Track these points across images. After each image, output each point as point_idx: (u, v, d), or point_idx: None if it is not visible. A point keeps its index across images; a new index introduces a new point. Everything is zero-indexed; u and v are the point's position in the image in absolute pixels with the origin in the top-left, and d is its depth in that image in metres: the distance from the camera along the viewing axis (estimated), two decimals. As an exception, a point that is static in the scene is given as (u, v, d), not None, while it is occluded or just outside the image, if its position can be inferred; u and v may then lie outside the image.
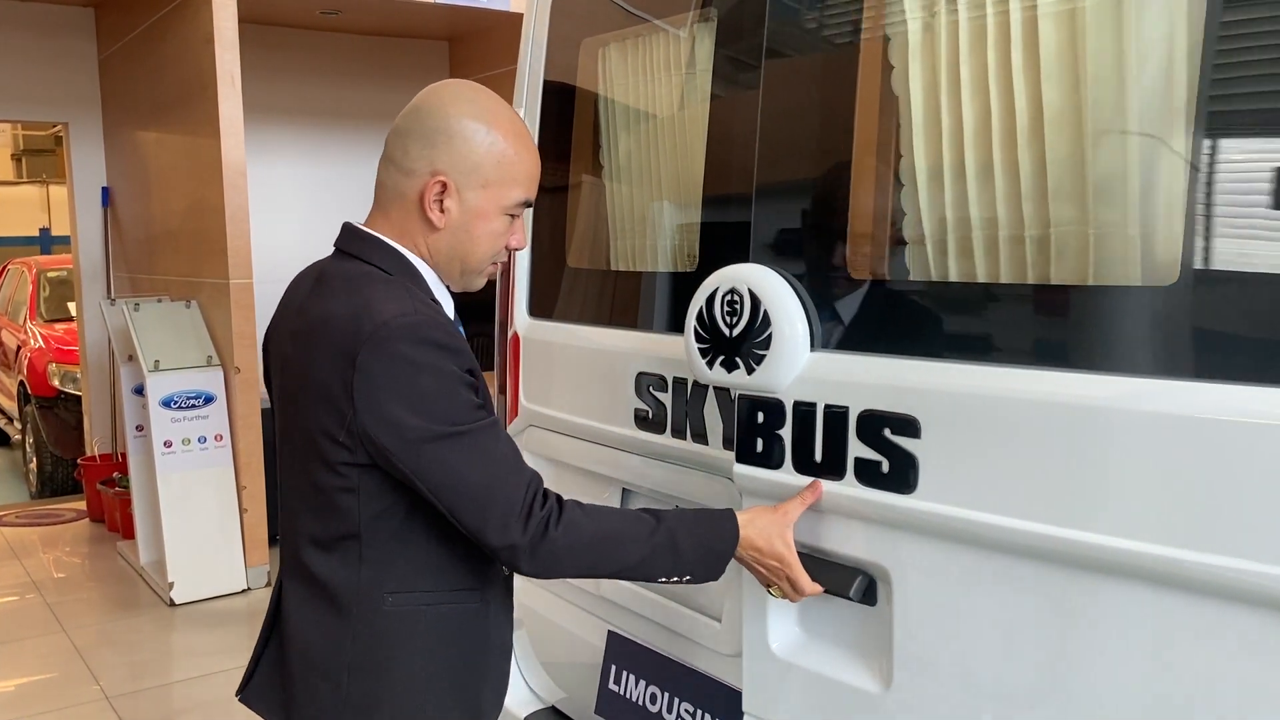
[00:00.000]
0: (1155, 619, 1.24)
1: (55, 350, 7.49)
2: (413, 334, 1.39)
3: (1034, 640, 1.36)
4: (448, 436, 1.39)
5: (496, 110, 1.50)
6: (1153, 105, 1.31)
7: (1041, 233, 1.41)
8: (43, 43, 6.25)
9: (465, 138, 1.46)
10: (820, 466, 1.56)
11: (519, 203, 1.51)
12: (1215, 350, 1.22)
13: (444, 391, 1.40)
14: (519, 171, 1.49)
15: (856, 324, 1.57)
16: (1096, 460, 1.27)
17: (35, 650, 4.44)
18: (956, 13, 1.48)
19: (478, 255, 1.52)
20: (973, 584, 1.42)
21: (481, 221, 1.49)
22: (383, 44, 7.11)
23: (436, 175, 1.45)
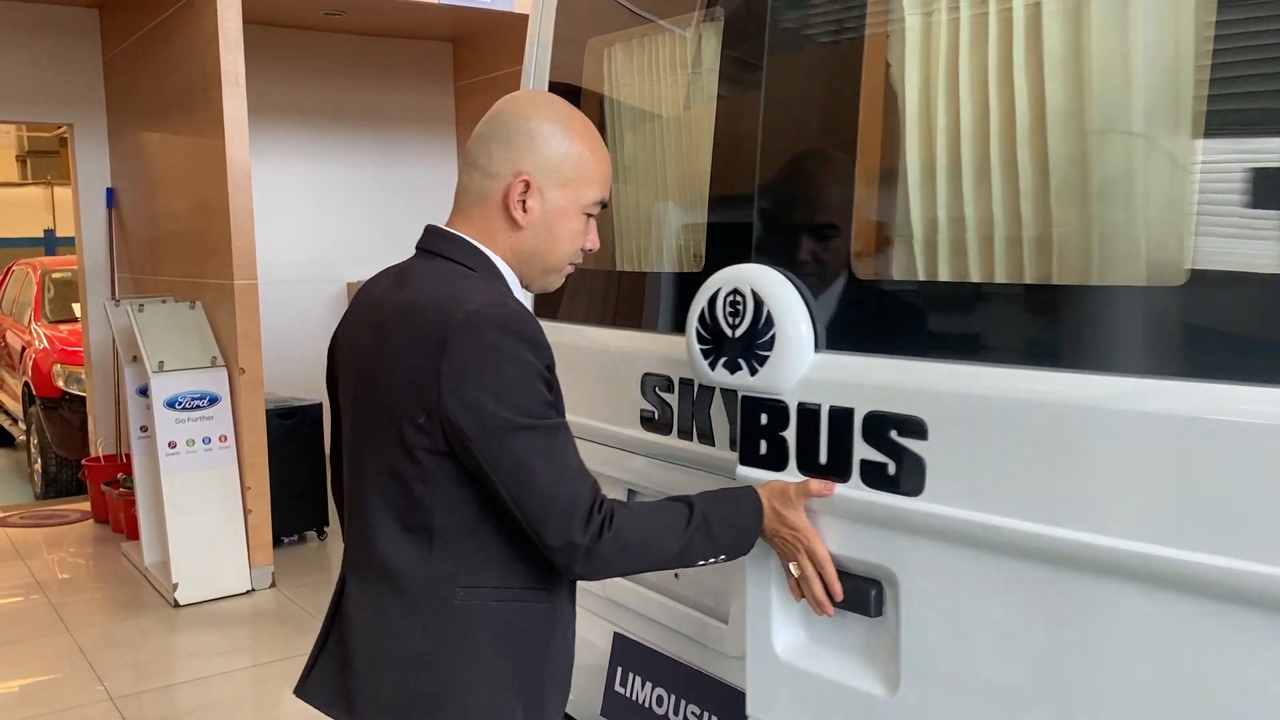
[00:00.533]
0: (1163, 622, 1.23)
1: (60, 351, 7.49)
2: (502, 324, 1.43)
3: (1042, 645, 1.35)
4: (524, 429, 1.42)
5: (571, 115, 1.57)
6: (1158, 103, 1.30)
7: (1045, 232, 1.40)
8: (47, 44, 6.26)
9: (545, 139, 1.52)
10: (825, 469, 1.55)
11: (595, 201, 1.56)
12: (1222, 351, 1.21)
13: (525, 384, 1.43)
14: (595, 171, 1.55)
15: (861, 324, 1.56)
16: (1103, 461, 1.27)
17: (40, 651, 4.44)
18: (957, 10, 1.48)
19: (559, 253, 1.56)
20: (980, 588, 1.41)
21: (562, 219, 1.54)
22: (386, 45, 7.11)
23: (520, 175, 1.51)
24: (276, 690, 4.11)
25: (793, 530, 1.57)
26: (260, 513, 5.06)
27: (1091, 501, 1.27)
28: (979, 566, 1.40)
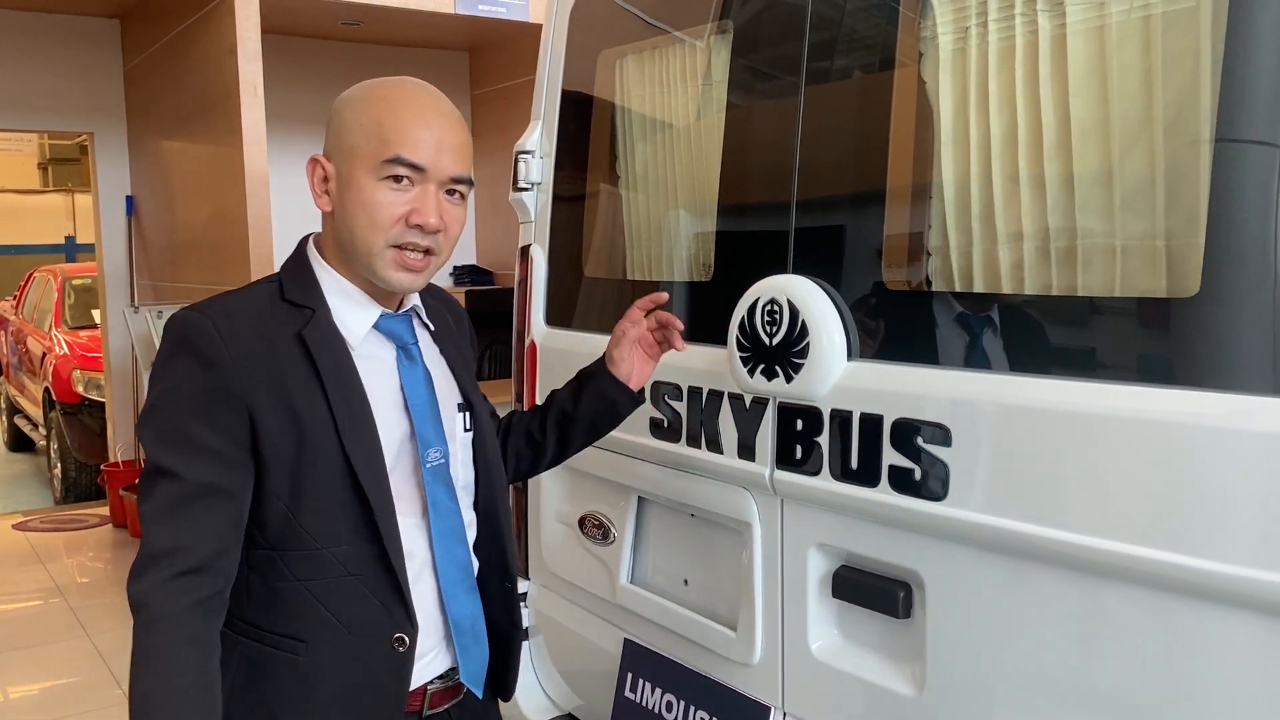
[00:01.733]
0: (1177, 625, 1.24)
1: (80, 357, 7.55)
2: (173, 329, 1.32)
3: (1061, 647, 1.36)
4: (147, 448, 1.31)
5: (381, 84, 1.39)
6: (1177, 119, 1.31)
7: (1070, 244, 1.41)
8: (69, 54, 6.32)
9: (338, 113, 1.39)
10: (856, 473, 1.57)
11: (387, 159, 1.32)
12: (1237, 361, 1.22)
13: (162, 402, 1.31)
14: (387, 129, 1.33)
15: (892, 334, 1.59)
16: (1119, 469, 1.28)
17: (59, 655, 4.48)
18: (987, 26, 1.49)
19: (359, 231, 1.35)
20: (1001, 590, 1.43)
21: (350, 191, 1.35)
22: (403, 54, 7.15)
23: (313, 157, 1.39)
24: (293, 695, 4.13)
25: None
26: (277, 518, 5.08)
27: (1105, 507, 1.29)
28: (1000, 570, 1.43)
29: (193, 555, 1.26)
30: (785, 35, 1.78)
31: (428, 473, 1.41)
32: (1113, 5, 1.37)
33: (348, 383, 1.35)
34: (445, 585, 1.43)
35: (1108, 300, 1.38)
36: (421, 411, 1.42)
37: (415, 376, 1.43)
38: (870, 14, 1.67)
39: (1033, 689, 1.40)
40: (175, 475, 1.27)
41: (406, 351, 1.44)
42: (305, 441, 1.31)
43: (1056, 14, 1.44)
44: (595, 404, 1.69)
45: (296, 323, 1.35)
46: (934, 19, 1.57)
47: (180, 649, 1.24)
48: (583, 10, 2.32)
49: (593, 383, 1.71)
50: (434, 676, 1.45)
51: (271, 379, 1.31)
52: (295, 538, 1.33)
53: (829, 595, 1.70)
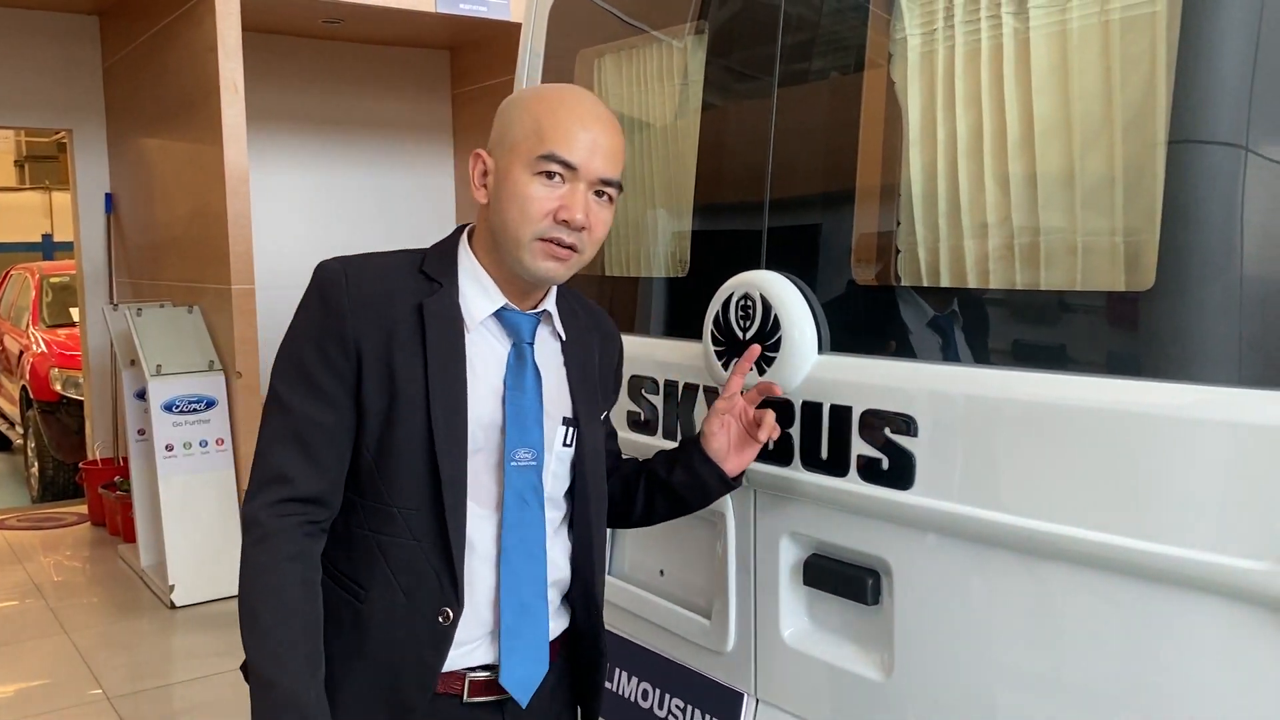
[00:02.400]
0: (1138, 608, 1.29)
1: (58, 355, 7.53)
2: (315, 271, 1.42)
3: (1025, 630, 1.41)
4: (272, 382, 1.43)
5: (549, 87, 1.51)
6: (1135, 120, 1.36)
7: (1033, 241, 1.46)
8: (47, 50, 6.31)
9: (503, 111, 1.46)
10: (826, 463, 1.61)
11: (541, 155, 1.38)
12: (1190, 352, 1.27)
13: (289, 338, 1.42)
14: (544, 126, 1.39)
15: (861, 328, 1.63)
16: (1079, 458, 1.32)
17: (37, 652, 4.47)
18: (953, 28, 1.54)
19: (511, 224, 1.39)
20: (967, 576, 1.47)
21: (505, 184, 1.40)
22: (384, 53, 7.17)
23: (476, 151, 1.46)
24: (273, 692, 4.14)
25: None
26: (257, 516, 5.10)
27: (1067, 495, 1.33)
28: (965, 556, 1.47)
29: (299, 485, 1.38)
30: (759, 36, 1.82)
31: (511, 470, 1.44)
32: (1074, 10, 1.42)
33: (450, 357, 1.41)
34: (505, 585, 1.45)
35: (1069, 295, 1.42)
36: (517, 410, 1.45)
37: (521, 374, 1.46)
38: (842, 16, 1.71)
39: (997, 673, 1.45)
40: (288, 407, 1.39)
41: (519, 349, 1.47)
42: (397, 402, 1.39)
43: (1021, 18, 1.48)
44: (683, 476, 1.64)
45: (422, 292, 1.43)
46: (903, 21, 1.62)
47: (284, 564, 1.36)
48: (561, 10, 2.36)
49: (685, 455, 1.65)
50: (472, 667, 1.46)
51: (380, 333, 1.39)
52: (374, 490, 1.42)
53: (800, 583, 1.73)
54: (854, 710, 1.65)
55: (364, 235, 7.25)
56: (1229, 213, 1.24)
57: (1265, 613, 1.18)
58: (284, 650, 1.35)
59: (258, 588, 1.37)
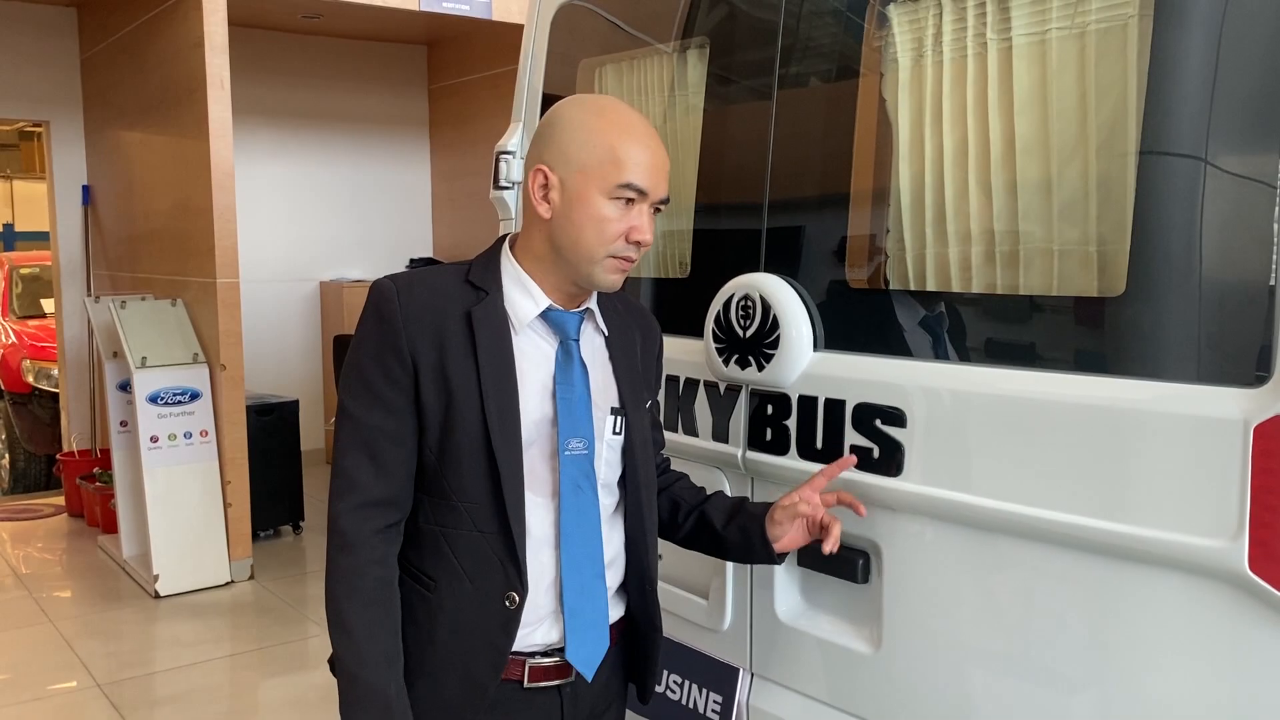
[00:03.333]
0: (1110, 585, 1.43)
1: (29, 347, 7.50)
2: (370, 291, 1.53)
3: (1004, 606, 1.55)
4: (341, 402, 1.54)
5: (605, 104, 1.54)
6: (1109, 136, 1.50)
7: (1013, 248, 1.60)
8: (24, 41, 6.30)
9: (566, 127, 1.51)
10: (821, 453, 1.74)
11: (621, 185, 1.47)
12: (1158, 352, 1.41)
13: (352, 355, 1.53)
14: (621, 155, 1.47)
15: (853, 327, 1.76)
16: (1056, 448, 1.46)
17: (23, 640, 4.52)
18: (942, 52, 1.67)
19: (586, 243, 1.49)
20: (951, 556, 1.61)
21: (581, 206, 1.48)
22: (363, 48, 7.22)
23: (538, 166, 1.51)
24: (256, 678, 4.23)
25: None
26: (240, 506, 5.16)
27: (1043, 481, 1.47)
28: (950, 538, 1.60)
29: (371, 490, 1.50)
30: (759, 51, 1.94)
31: (565, 459, 1.54)
32: (1054, 35, 1.55)
33: (500, 359, 1.51)
34: (566, 567, 1.55)
35: (1046, 298, 1.56)
36: (568, 401, 1.55)
37: (569, 369, 1.56)
38: (836, 34, 1.84)
39: (979, 643, 1.59)
40: (356, 419, 1.51)
41: (565, 346, 1.56)
42: (453, 405, 1.49)
43: (1003, 41, 1.61)
44: (736, 537, 1.71)
45: (470, 301, 1.52)
46: (894, 42, 1.75)
47: (365, 568, 1.49)
48: (564, 18, 2.46)
49: (746, 522, 1.71)
50: (536, 648, 1.56)
51: (434, 342, 1.49)
52: (439, 488, 1.52)
53: (794, 564, 1.86)
54: (845, 681, 1.78)
55: (341, 228, 7.31)
56: (1190, 222, 1.38)
57: (1220, 584, 1.32)
58: (365, 646, 1.48)
59: (342, 590, 1.49)
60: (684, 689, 2.08)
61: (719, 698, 2.00)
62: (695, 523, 1.77)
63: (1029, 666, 1.53)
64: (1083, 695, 1.47)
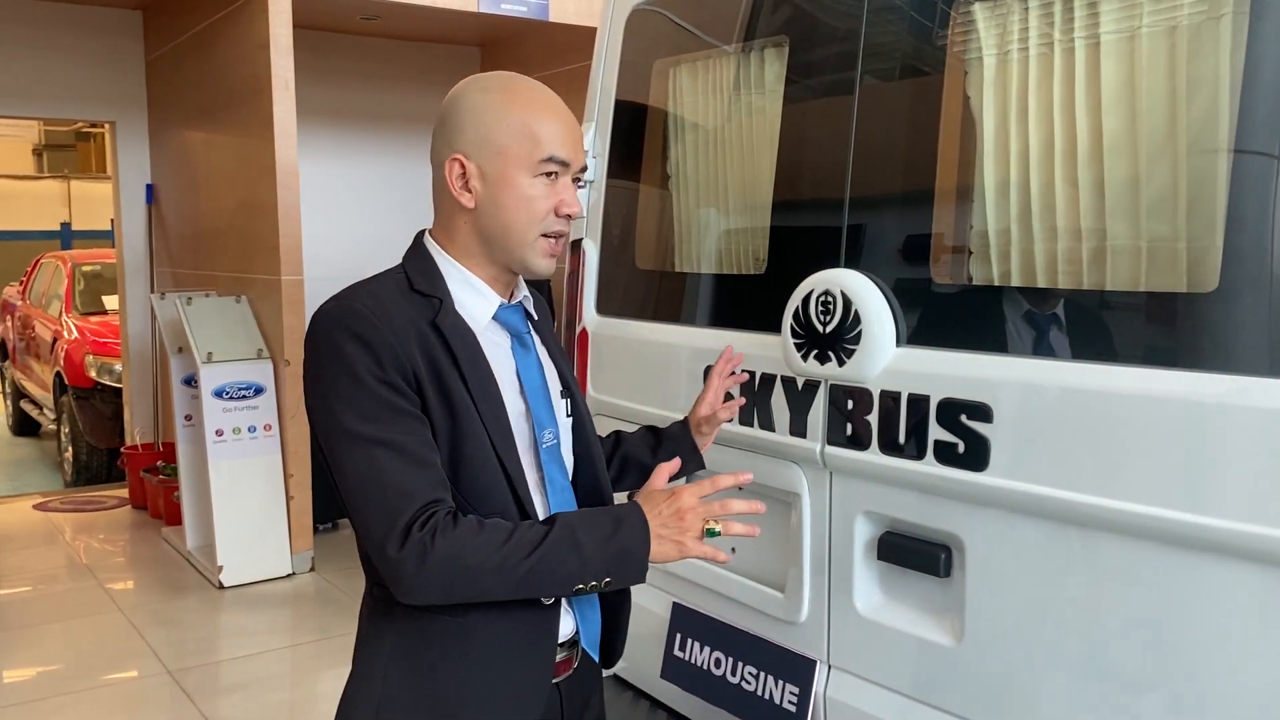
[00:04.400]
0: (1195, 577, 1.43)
1: (92, 342, 7.67)
2: (331, 320, 1.40)
3: (1088, 595, 1.56)
4: (343, 436, 1.37)
5: (507, 82, 1.49)
6: (1200, 133, 1.50)
7: (1100, 245, 1.61)
8: (92, 44, 6.45)
9: (474, 111, 1.45)
10: (903, 447, 1.76)
11: (543, 159, 1.44)
12: (1251, 348, 1.42)
13: (349, 385, 1.37)
14: (536, 130, 1.44)
15: (937, 323, 1.78)
16: (1143, 441, 1.47)
17: (94, 627, 4.64)
18: (1027, 50, 1.68)
19: (517, 226, 1.45)
20: (1036, 549, 1.62)
21: (506, 189, 1.44)
22: (417, 49, 7.30)
23: (453, 156, 1.46)
24: (318, 668, 4.31)
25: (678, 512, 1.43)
26: (302, 499, 5.26)
27: (1130, 475, 1.49)
28: (1035, 531, 1.62)
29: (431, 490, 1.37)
30: (840, 49, 1.96)
31: (544, 452, 1.52)
32: (1144, 32, 1.56)
33: (480, 366, 1.46)
34: None
35: (1133, 294, 1.57)
36: (536, 395, 1.53)
37: (529, 362, 1.55)
38: (919, 32, 1.85)
39: (1063, 635, 1.60)
40: (380, 440, 1.36)
41: (520, 339, 1.55)
42: (456, 418, 1.42)
43: (1091, 38, 1.62)
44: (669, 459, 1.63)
45: (428, 311, 1.45)
46: (979, 39, 1.76)
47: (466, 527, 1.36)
48: (637, 22, 2.50)
49: (675, 447, 1.79)
50: (564, 638, 1.54)
51: (421, 356, 1.41)
52: (455, 502, 1.42)
53: (874, 558, 1.89)
54: (926, 673, 1.80)
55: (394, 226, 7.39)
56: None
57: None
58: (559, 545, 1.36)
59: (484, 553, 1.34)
60: (759, 680, 2.11)
61: (795, 689, 2.02)
62: (619, 465, 1.82)
63: (1110, 659, 1.54)
64: (1162, 688, 1.48)
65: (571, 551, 1.37)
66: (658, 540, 1.41)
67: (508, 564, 1.36)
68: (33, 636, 4.57)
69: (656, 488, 1.48)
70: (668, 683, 2.33)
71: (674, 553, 1.42)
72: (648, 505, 1.43)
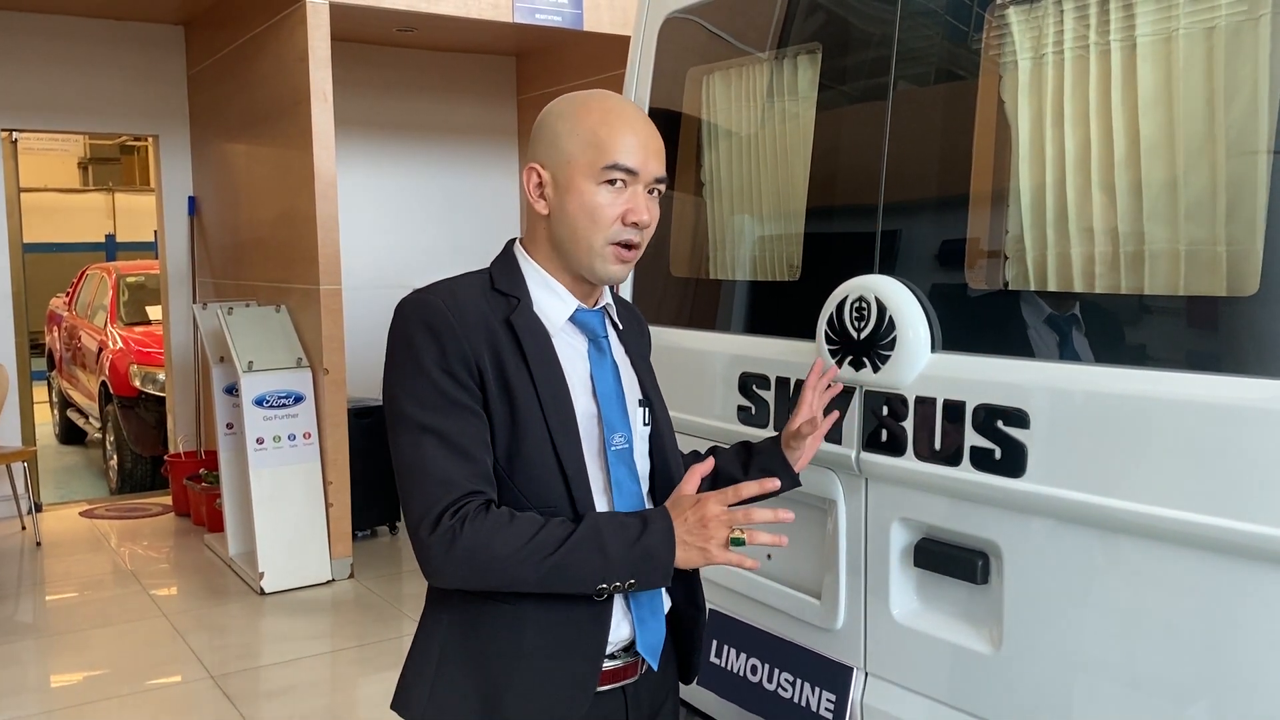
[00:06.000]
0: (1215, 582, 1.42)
1: (136, 352, 7.80)
2: (408, 310, 1.48)
3: (1127, 603, 1.54)
4: (399, 420, 1.46)
5: (588, 97, 1.55)
6: (1238, 137, 1.49)
7: (1137, 248, 1.59)
8: (135, 59, 6.57)
9: (552, 125, 1.53)
10: (940, 454, 1.75)
11: (606, 166, 1.49)
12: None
13: (413, 372, 1.45)
14: (603, 138, 1.49)
15: (972, 328, 1.77)
16: (1182, 446, 1.46)
17: (140, 632, 4.71)
18: (1062, 54, 1.67)
19: (582, 233, 1.51)
20: (1074, 556, 1.61)
21: (573, 196, 1.50)
22: (452, 59, 7.37)
23: (530, 165, 1.54)
24: (357, 674, 4.35)
25: (702, 519, 1.47)
26: (341, 506, 5.31)
27: (1169, 480, 1.47)
28: (1073, 538, 1.60)
29: (463, 483, 1.43)
30: (874, 55, 1.96)
31: (612, 454, 1.55)
32: (1180, 34, 1.55)
33: (550, 364, 1.51)
34: None
35: (1171, 298, 1.56)
36: (608, 398, 1.57)
37: (604, 366, 1.58)
38: (952, 37, 1.85)
39: (1100, 645, 1.58)
40: (434, 430, 1.44)
41: (597, 344, 1.59)
42: (516, 413, 1.48)
43: (1126, 41, 1.61)
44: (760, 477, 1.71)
45: (505, 309, 1.52)
46: (1013, 43, 1.75)
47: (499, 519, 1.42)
48: (670, 30, 2.51)
49: (765, 462, 1.79)
50: (612, 646, 1.56)
51: (489, 351, 1.48)
52: (510, 498, 1.49)
53: (910, 565, 1.88)
54: (964, 681, 1.79)
55: (432, 235, 7.47)
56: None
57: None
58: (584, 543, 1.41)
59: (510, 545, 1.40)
60: (796, 687, 2.10)
61: (832, 696, 2.02)
62: (710, 482, 1.77)
63: (1150, 667, 1.52)
64: (1203, 697, 1.46)
65: (596, 551, 1.43)
66: (683, 546, 1.46)
67: (532, 558, 1.42)
68: (79, 641, 4.65)
69: (686, 493, 1.52)
70: (704, 689, 2.33)
71: (699, 559, 1.48)
72: (675, 511, 1.48)
